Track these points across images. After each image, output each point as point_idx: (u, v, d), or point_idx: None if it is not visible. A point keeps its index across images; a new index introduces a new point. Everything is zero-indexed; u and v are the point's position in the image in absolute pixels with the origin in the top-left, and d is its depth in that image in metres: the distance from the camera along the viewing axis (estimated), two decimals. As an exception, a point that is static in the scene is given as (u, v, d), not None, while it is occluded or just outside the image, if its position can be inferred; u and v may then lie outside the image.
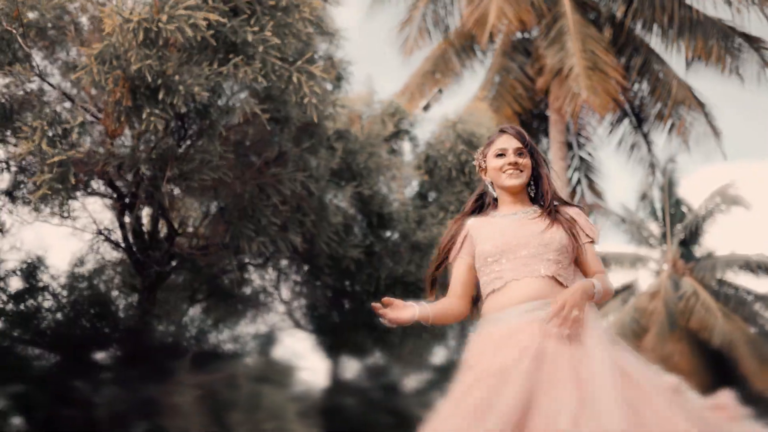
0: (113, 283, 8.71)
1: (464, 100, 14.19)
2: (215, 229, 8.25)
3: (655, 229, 20.05)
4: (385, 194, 10.21)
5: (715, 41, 14.33)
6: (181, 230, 8.35)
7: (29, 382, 7.67)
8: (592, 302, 2.87)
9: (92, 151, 7.12)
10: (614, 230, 19.61)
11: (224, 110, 7.65)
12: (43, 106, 7.07)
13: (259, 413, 7.39)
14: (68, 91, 7.55)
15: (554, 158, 14.63)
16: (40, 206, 7.26)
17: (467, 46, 15.67)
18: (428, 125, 12.55)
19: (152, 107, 6.87)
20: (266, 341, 10.46)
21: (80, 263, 8.48)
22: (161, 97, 6.84)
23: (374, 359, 10.78)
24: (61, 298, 8.41)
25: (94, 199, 8.15)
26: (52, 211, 7.50)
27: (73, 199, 7.66)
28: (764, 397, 16.46)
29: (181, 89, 6.84)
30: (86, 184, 7.67)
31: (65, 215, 7.71)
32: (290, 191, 7.99)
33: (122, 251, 8.35)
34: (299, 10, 7.49)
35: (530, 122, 15.78)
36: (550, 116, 15.03)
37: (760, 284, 22.55)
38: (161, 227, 8.39)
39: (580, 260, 3.10)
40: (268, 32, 7.27)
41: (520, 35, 15.42)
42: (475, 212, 3.30)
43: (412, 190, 11.12)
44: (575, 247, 3.07)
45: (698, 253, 19.67)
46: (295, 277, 10.37)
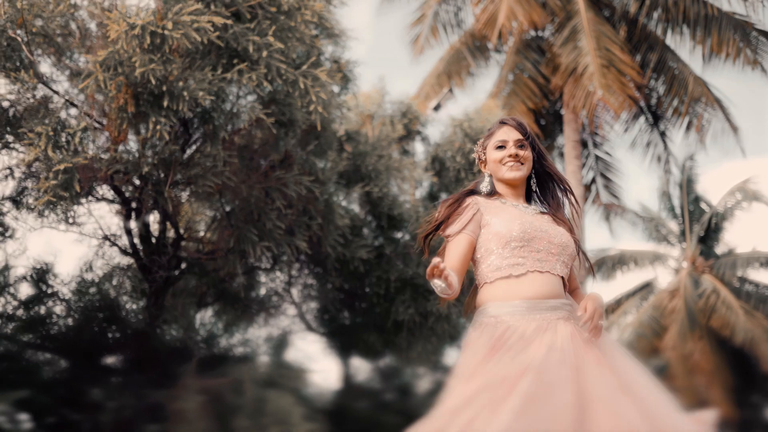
0: (122, 288, 8.75)
1: (479, 99, 14.11)
2: (221, 233, 8.26)
3: (673, 226, 19.86)
4: (395, 195, 10.16)
5: (730, 36, 14.14)
6: (186, 235, 8.37)
7: (38, 386, 7.73)
8: None
9: (97, 157, 7.15)
10: (632, 228, 19.46)
11: (229, 115, 7.67)
12: (47, 112, 7.11)
13: (266, 417, 7.39)
14: (73, 97, 7.60)
15: (568, 157, 14.53)
16: (44, 212, 7.30)
17: (481, 45, 15.59)
18: (440, 125, 12.52)
19: (156, 113, 6.89)
20: (278, 344, 10.46)
21: (89, 269, 8.53)
22: (165, 103, 6.85)
23: (386, 361, 10.75)
24: (71, 303, 8.46)
25: (100, 204, 8.20)
26: (58, 217, 7.55)
27: (78, 204, 7.70)
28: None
29: (185, 95, 6.85)
30: (90, 190, 7.70)
31: (71, 221, 7.76)
32: (295, 195, 7.97)
33: (129, 256, 8.38)
34: (301, 13, 7.47)
35: (544, 120, 15.67)
36: (564, 114, 14.91)
37: (782, 281, 22.29)
38: (168, 232, 8.41)
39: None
40: (270, 36, 7.26)
41: (533, 33, 15.30)
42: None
43: (423, 191, 11.09)
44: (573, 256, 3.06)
45: (718, 250, 19.45)
46: (305, 279, 10.36)
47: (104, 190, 7.97)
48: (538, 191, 3.23)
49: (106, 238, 8.35)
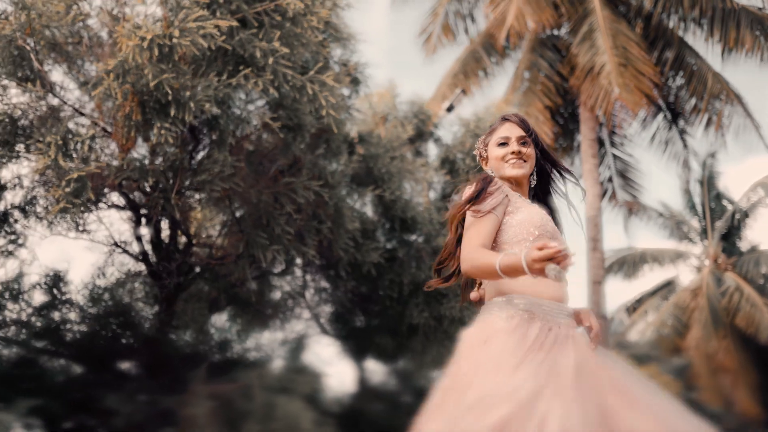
0: (134, 294, 8.81)
1: (495, 99, 14.02)
2: (231, 239, 8.28)
3: (695, 224, 19.63)
4: (408, 198, 10.12)
5: (748, 30, 13.93)
6: (196, 241, 8.41)
7: (53, 392, 7.80)
8: None
9: (106, 164, 7.21)
10: (652, 226, 19.22)
11: (236, 121, 7.68)
12: (56, 121, 7.17)
13: (276, 421, 7.40)
14: (82, 105, 7.66)
15: (585, 155, 14.40)
16: (56, 220, 7.37)
17: (497, 45, 15.49)
18: (453, 126, 12.47)
19: (162, 120, 6.92)
20: (294, 348, 10.48)
21: (102, 275, 8.60)
22: (172, 112, 6.87)
23: (400, 364, 10.73)
24: (86, 308, 8.54)
25: (109, 212, 8.26)
26: (68, 225, 7.62)
27: (89, 212, 7.76)
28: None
29: (191, 105, 6.85)
30: (99, 197, 7.76)
31: (81, 229, 7.82)
32: (304, 199, 7.97)
33: (140, 263, 8.44)
34: (307, 20, 7.45)
35: (561, 118, 15.55)
36: (581, 113, 14.78)
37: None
38: (179, 238, 8.45)
39: None
40: (276, 43, 7.26)
41: (549, 32, 15.19)
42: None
43: (436, 193, 11.05)
44: None
45: (741, 247, 19.19)
46: (318, 283, 10.37)
47: (114, 197, 8.03)
48: (539, 189, 3.15)
49: (116, 245, 8.41)
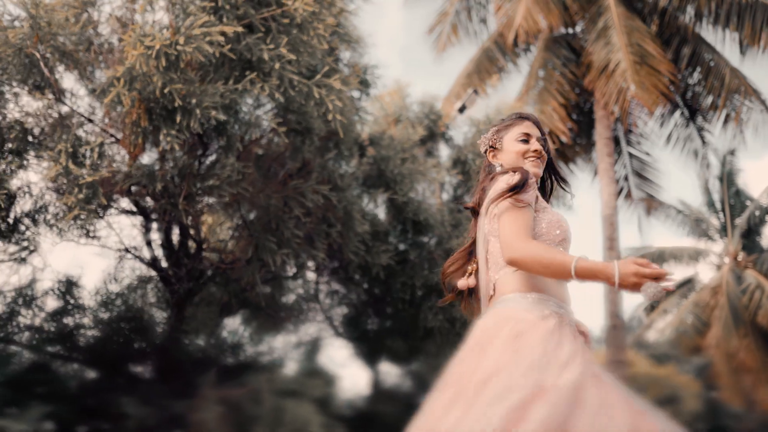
0: (146, 299, 8.86)
1: (509, 98, 13.93)
2: (241, 243, 8.31)
3: (714, 221, 19.42)
4: (419, 200, 10.08)
5: (765, 25, 13.75)
6: (206, 245, 8.44)
7: (66, 397, 7.87)
8: None
9: (115, 171, 7.26)
10: (670, 224, 19.02)
11: (244, 125, 7.70)
12: (66, 129, 7.23)
13: (284, 426, 7.42)
14: (92, 113, 7.71)
15: (600, 154, 14.28)
16: (67, 227, 7.43)
17: (508, 45, 15.41)
18: (464, 127, 12.42)
19: (168, 128, 6.95)
20: (309, 350, 10.51)
21: (114, 280, 8.66)
22: (178, 119, 6.90)
23: (413, 367, 10.72)
24: (99, 313, 8.60)
25: (120, 217, 8.31)
26: (78, 231, 7.68)
27: (100, 218, 7.82)
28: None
29: (197, 112, 6.87)
30: (109, 203, 7.81)
31: (91, 235, 7.88)
32: (313, 203, 7.98)
33: (150, 268, 8.49)
34: (314, 26, 7.45)
35: (577, 116, 15.44)
36: (596, 111, 14.66)
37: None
38: (189, 243, 8.49)
39: None
40: (283, 48, 7.26)
41: (564, 30, 15.09)
42: None
43: (448, 194, 11.02)
44: None
45: (762, 244, 18.96)
46: (331, 286, 10.38)
47: (124, 203, 8.08)
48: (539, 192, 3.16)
49: (127, 250, 8.46)
